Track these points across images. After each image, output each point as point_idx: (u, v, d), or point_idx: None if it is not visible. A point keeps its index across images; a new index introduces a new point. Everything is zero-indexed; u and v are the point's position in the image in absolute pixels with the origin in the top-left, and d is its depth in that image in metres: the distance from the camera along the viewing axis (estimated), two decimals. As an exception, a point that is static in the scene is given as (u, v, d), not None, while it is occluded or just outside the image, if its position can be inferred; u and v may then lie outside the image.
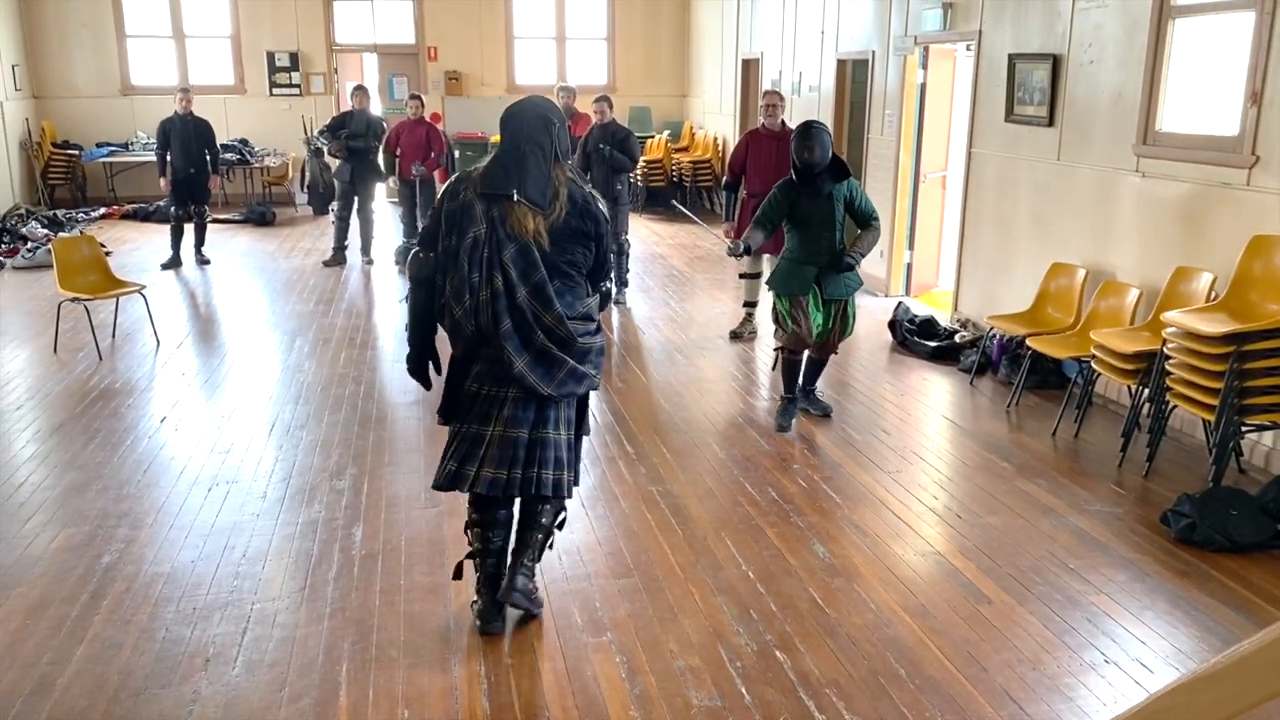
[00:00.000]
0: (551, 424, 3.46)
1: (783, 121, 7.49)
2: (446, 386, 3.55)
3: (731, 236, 7.36)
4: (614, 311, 8.45)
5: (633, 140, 8.43)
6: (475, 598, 3.59)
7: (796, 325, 5.51)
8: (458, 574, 3.68)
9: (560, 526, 3.68)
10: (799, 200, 5.47)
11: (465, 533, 3.63)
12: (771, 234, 5.63)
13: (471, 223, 3.30)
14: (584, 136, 8.49)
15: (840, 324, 5.65)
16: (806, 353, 5.72)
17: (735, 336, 7.62)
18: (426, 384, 3.63)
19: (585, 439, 3.74)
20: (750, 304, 7.76)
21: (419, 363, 3.58)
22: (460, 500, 4.62)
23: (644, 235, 12.02)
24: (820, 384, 6.03)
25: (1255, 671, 0.87)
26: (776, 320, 5.65)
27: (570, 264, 3.41)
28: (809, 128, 5.46)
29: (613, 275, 7.83)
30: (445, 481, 3.46)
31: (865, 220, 5.59)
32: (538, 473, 3.42)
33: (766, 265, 7.59)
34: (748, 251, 5.68)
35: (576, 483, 3.63)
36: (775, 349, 6.12)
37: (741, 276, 7.85)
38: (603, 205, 3.49)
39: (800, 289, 5.51)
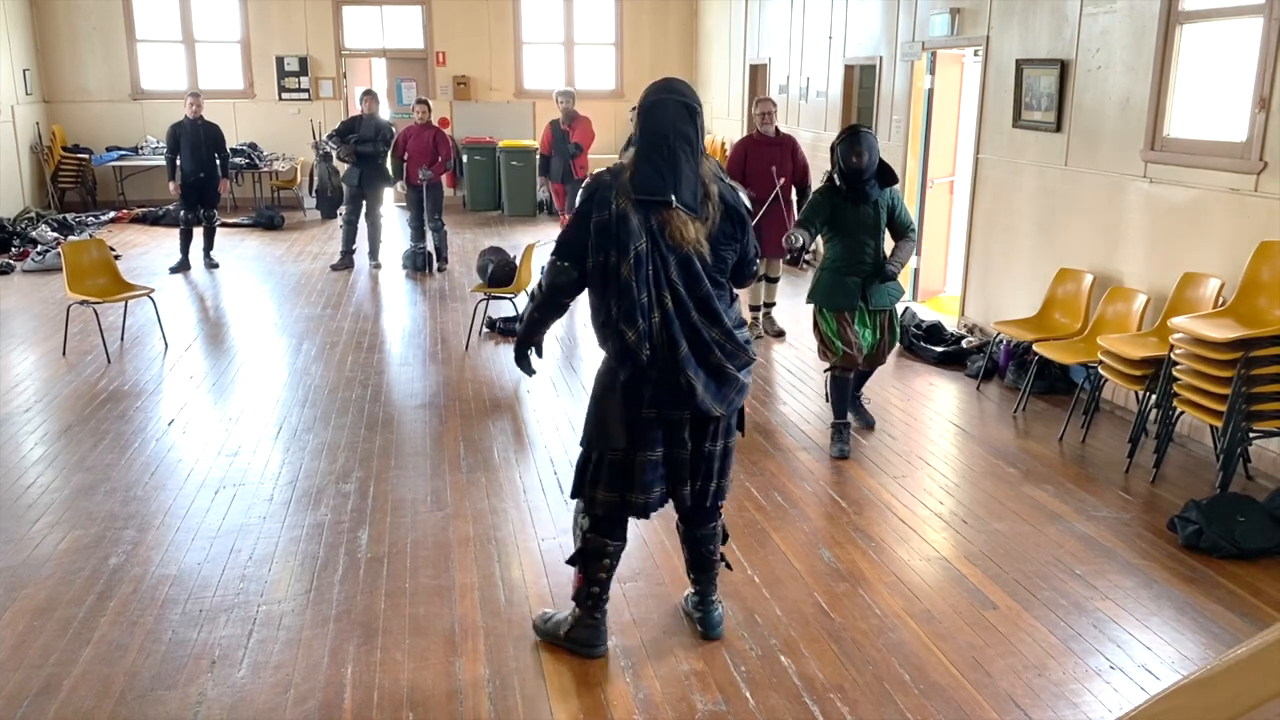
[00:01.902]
0: (718, 436, 3.29)
1: (776, 128, 7.58)
2: (604, 411, 3.21)
3: None
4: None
5: None
6: (572, 624, 3.41)
7: (846, 345, 5.27)
8: (571, 562, 3.47)
9: (726, 540, 3.57)
10: (843, 206, 5.24)
11: (587, 560, 3.37)
12: (815, 236, 5.33)
13: (631, 236, 3.01)
14: (622, 149, 8.75)
15: (889, 334, 5.43)
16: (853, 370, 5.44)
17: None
18: (530, 371, 3.51)
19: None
20: (754, 308, 7.79)
21: (524, 354, 3.45)
22: (466, 505, 4.64)
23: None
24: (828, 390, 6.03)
25: (1252, 675, 0.87)
26: (823, 340, 5.37)
27: (722, 271, 3.17)
28: (857, 132, 5.20)
29: None
30: (616, 511, 3.28)
31: (903, 230, 5.41)
32: (713, 486, 3.33)
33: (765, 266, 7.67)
34: (802, 248, 5.26)
35: (729, 489, 3.51)
36: (825, 370, 5.73)
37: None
38: (745, 198, 3.27)
39: (846, 303, 5.26)
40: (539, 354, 3.46)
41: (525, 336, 3.43)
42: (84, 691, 3.19)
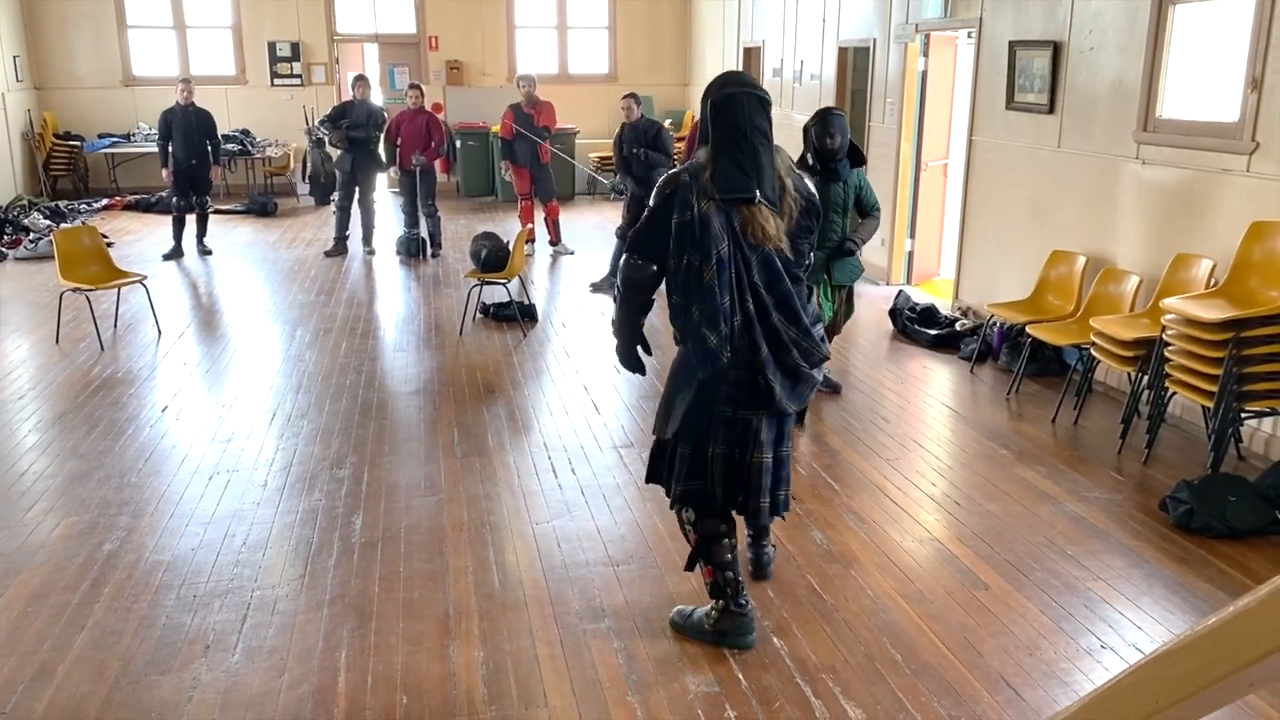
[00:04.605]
0: (788, 438, 3.28)
1: None
2: (675, 405, 3.19)
3: None
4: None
5: (664, 134, 9.00)
6: (717, 617, 3.35)
7: None
8: (690, 565, 3.43)
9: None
10: (817, 185, 5.41)
11: (709, 550, 3.33)
12: None
13: (714, 240, 2.95)
14: (617, 135, 8.97)
15: (845, 309, 5.84)
16: None
17: None
18: (642, 370, 3.47)
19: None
20: None
21: (631, 356, 3.37)
22: (460, 490, 4.65)
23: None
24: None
25: (1230, 641, 0.88)
26: None
27: (799, 265, 3.12)
28: (829, 114, 5.46)
29: None
30: (693, 499, 3.26)
31: (869, 209, 5.73)
32: (785, 493, 3.33)
33: None
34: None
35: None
36: None
37: None
38: (812, 187, 3.22)
39: (812, 278, 5.41)
40: (647, 352, 3.41)
41: (625, 342, 3.36)
42: (78, 677, 3.20)
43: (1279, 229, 4.69)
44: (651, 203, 3.11)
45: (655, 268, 3.13)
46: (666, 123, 14.44)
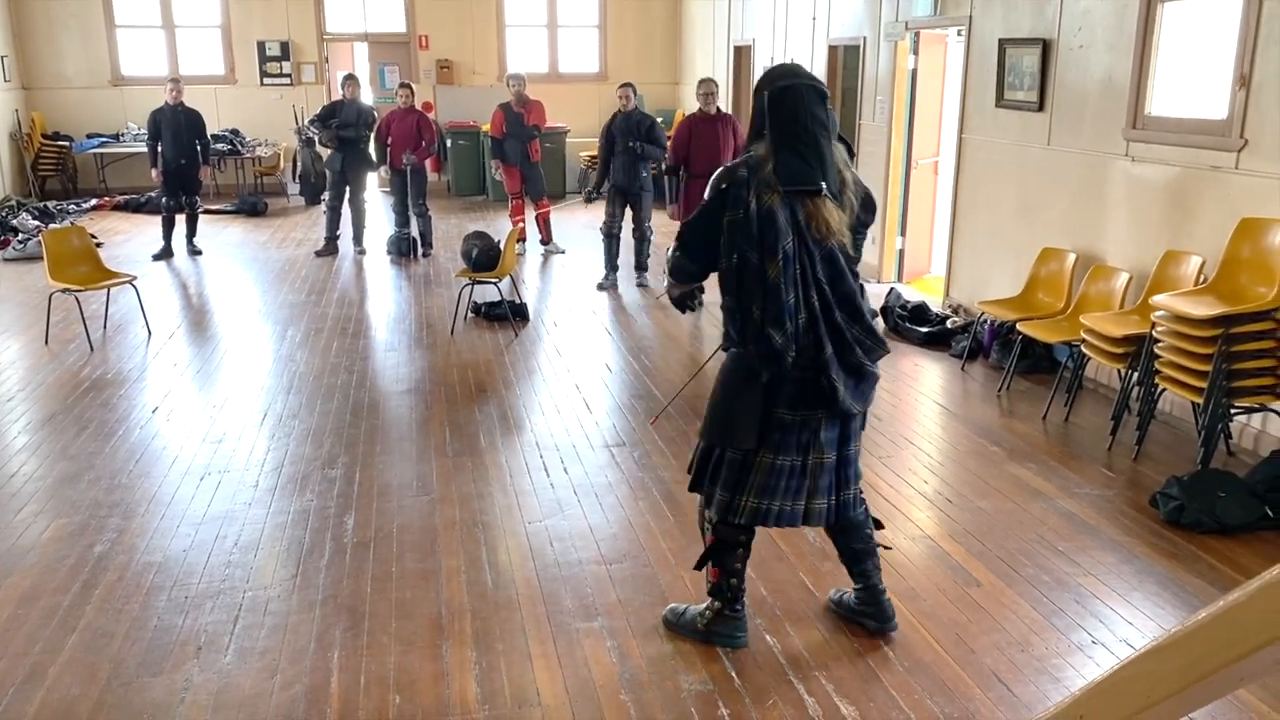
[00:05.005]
0: (854, 438, 3.18)
1: (718, 108, 8.19)
2: (735, 408, 3.07)
3: (678, 216, 8.07)
4: (609, 297, 8.46)
5: (658, 128, 8.99)
6: (711, 618, 3.34)
7: None
8: (700, 565, 3.37)
9: (880, 526, 3.47)
10: None
11: (722, 554, 3.27)
12: None
13: (779, 235, 2.86)
14: (607, 124, 8.91)
15: None
16: None
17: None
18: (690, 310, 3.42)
19: None
20: None
21: (684, 302, 3.33)
22: (452, 489, 4.64)
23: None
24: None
25: (1220, 637, 0.88)
26: None
27: (858, 260, 3.05)
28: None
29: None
30: (749, 518, 3.14)
31: None
32: (852, 493, 3.23)
33: None
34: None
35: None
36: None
37: None
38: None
39: None
40: (700, 304, 3.41)
41: (679, 301, 3.36)
42: (69, 679, 3.19)
43: (1267, 226, 4.71)
44: (706, 197, 3.03)
45: (697, 269, 3.13)
46: (658, 120, 14.48)
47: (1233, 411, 4.72)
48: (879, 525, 3.46)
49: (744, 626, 3.37)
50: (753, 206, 2.86)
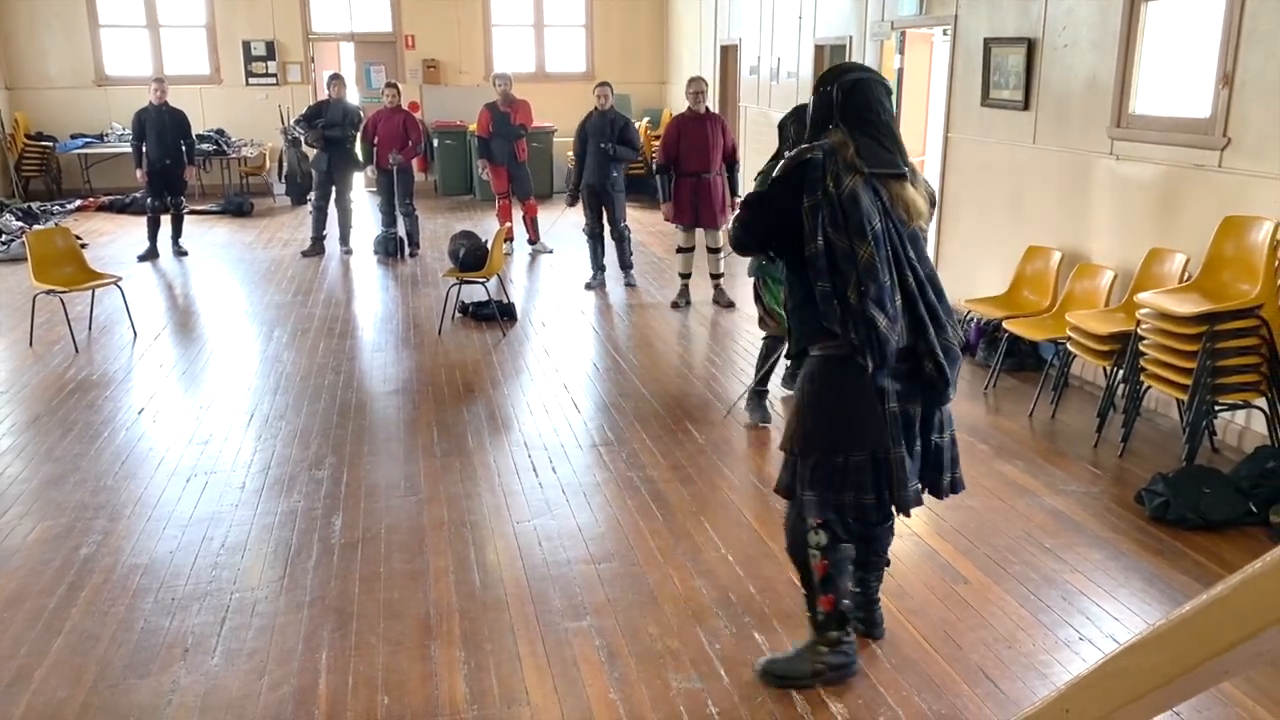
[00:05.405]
0: (949, 420, 3.08)
1: (707, 107, 8.15)
2: (852, 410, 2.92)
3: (670, 216, 8.06)
4: (596, 297, 8.46)
5: (632, 129, 8.94)
6: (825, 655, 3.11)
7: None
8: (812, 601, 3.13)
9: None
10: None
11: (837, 579, 3.09)
12: None
13: (865, 216, 2.79)
14: (582, 123, 8.85)
15: None
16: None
17: (675, 306, 8.11)
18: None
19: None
20: (685, 275, 8.24)
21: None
22: (440, 490, 4.63)
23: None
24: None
25: (1203, 630, 0.89)
26: (767, 311, 5.34)
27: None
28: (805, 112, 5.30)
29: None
30: (879, 516, 3.04)
31: None
32: (958, 474, 3.12)
33: (697, 238, 8.16)
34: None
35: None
36: (765, 338, 5.70)
37: (679, 250, 8.27)
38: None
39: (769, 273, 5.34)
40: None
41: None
42: (55, 682, 3.17)
43: (1250, 224, 4.75)
44: (775, 180, 2.98)
45: (752, 243, 3.11)
46: (645, 120, 14.49)
47: (1217, 408, 4.75)
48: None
49: (855, 647, 3.18)
50: (831, 189, 2.80)
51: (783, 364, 5.78)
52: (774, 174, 3.02)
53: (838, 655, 3.12)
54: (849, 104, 2.89)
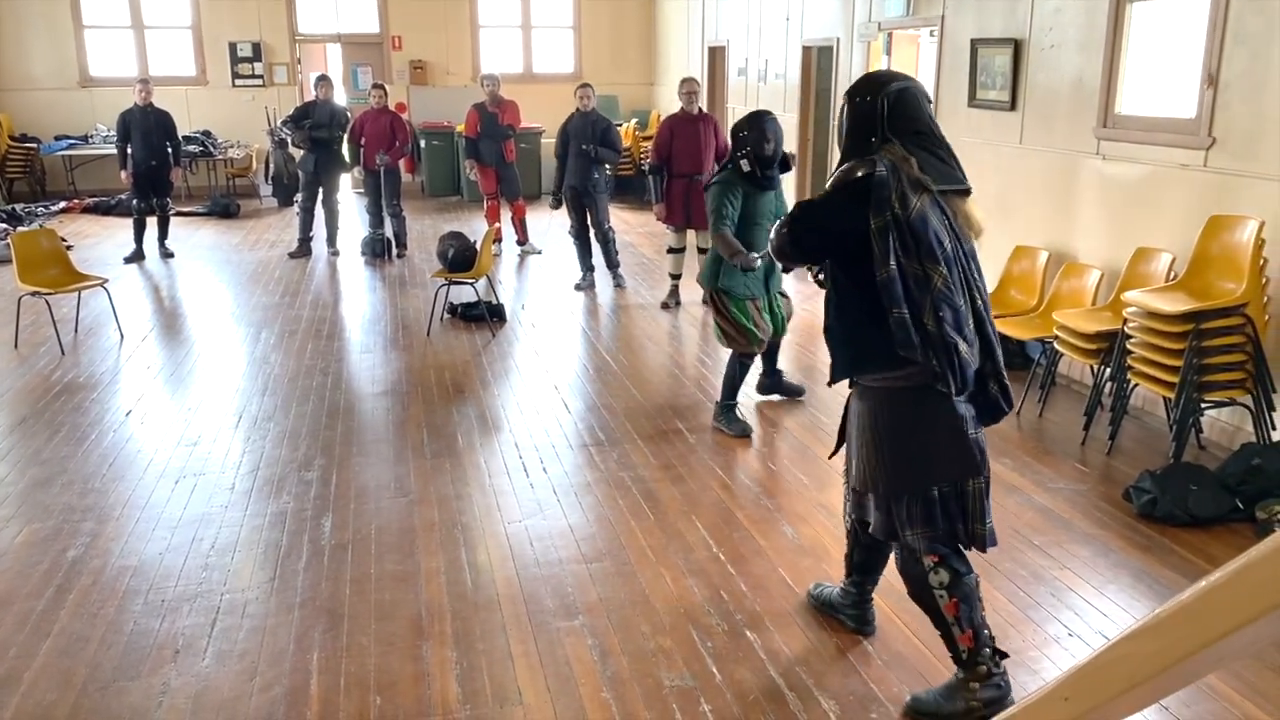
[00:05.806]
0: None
1: (700, 108, 8.15)
2: (938, 441, 2.82)
3: (663, 216, 8.09)
4: (586, 297, 8.47)
5: (614, 131, 8.93)
6: (980, 690, 2.93)
7: (758, 329, 5.26)
8: (954, 646, 2.99)
9: None
10: (751, 194, 5.17)
11: (972, 613, 2.95)
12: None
13: (935, 237, 2.69)
14: (564, 124, 8.87)
15: (786, 310, 5.56)
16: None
17: (665, 307, 8.14)
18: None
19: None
20: (675, 276, 8.29)
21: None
22: (431, 490, 4.63)
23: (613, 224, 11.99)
24: (786, 368, 6.08)
25: (1201, 617, 0.90)
26: (737, 329, 5.23)
27: None
28: (765, 118, 5.14)
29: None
30: (949, 553, 2.92)
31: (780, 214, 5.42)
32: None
33: (688, 239, 8.29)
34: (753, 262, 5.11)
35: None
36: (738, 356, 5.45)
37: (669, 251, 8.32)
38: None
39: (758, 290, 5.29)
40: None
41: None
42: (45, 684, 3.16)
43: (1236, 223, 4.78)
44: (833, 193, 2.85)
45: (797, 255, 2.94)
46: (633, 122, 14.51)
47: (1204, 406, 4.79)
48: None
49: (1007, 677, 2.99)
50: (898, 210, 2.67)
51: (754, 372, 5.74)
52: (831, 187, 2.88)
53: (990, 689, 2.93)
54: (898, 115, 2.77)
